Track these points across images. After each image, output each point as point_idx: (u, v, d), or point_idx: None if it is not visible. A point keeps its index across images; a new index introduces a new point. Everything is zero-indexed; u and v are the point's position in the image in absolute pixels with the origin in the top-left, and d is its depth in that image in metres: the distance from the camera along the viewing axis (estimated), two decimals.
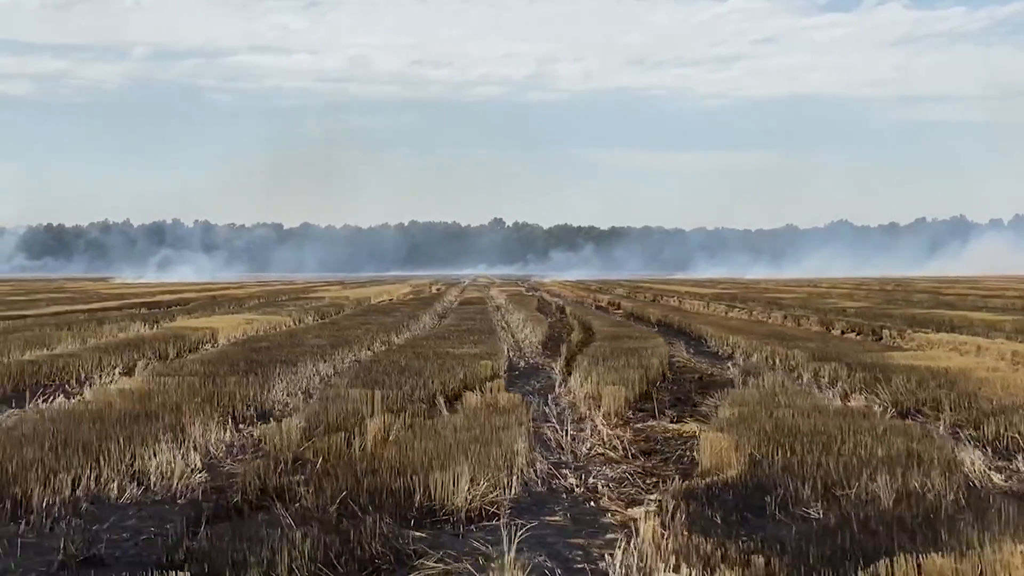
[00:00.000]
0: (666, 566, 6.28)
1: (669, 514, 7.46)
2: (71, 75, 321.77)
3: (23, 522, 8.07)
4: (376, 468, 9.14)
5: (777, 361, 20.19)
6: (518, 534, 6.90)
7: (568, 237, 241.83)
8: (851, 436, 10.33)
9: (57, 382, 17.49)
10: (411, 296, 61.77)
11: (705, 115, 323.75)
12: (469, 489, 8.33)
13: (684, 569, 6.20)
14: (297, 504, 8.19)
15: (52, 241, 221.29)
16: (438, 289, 77.56)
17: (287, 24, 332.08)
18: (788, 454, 9.60)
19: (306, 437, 10.93)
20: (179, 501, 8.96)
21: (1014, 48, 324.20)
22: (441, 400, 13.55)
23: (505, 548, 6.57)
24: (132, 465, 9.60)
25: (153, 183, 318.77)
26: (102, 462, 9.44)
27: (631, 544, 6.64)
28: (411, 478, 8.63)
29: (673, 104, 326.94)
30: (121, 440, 10.10)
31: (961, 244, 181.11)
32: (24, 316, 35.52)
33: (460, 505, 8.24)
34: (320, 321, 35.17)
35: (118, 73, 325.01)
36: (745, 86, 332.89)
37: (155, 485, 9.31)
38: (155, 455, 9.68)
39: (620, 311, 44.14)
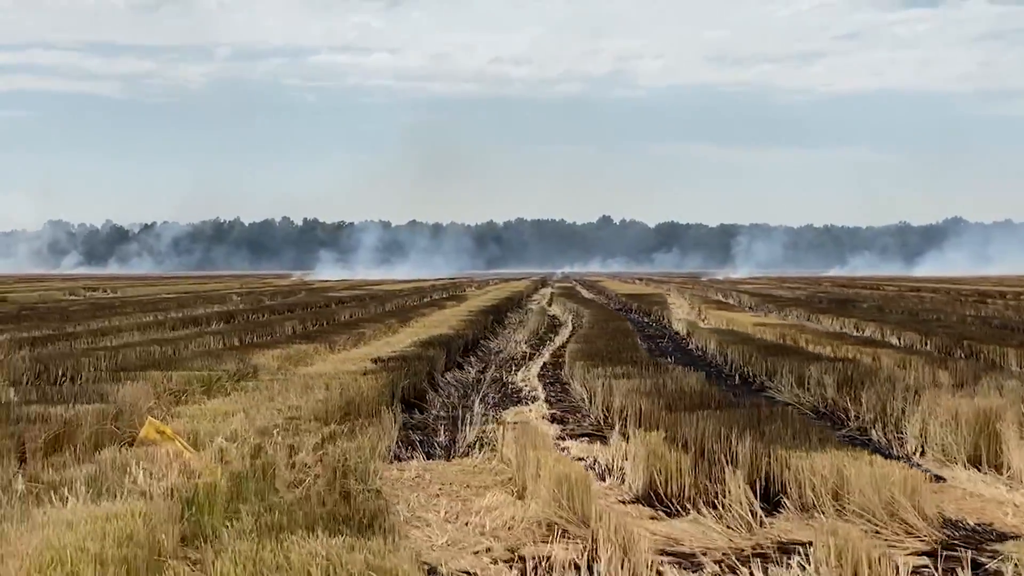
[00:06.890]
0: None
1: None
2: (157, 75, 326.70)
3: None
4: None
5: None
6: None
7: (677, 234, 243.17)
8: None
9: None
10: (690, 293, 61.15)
11: (787, 111, 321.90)
12: None
13: None
14: None
15: (213, 235, 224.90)
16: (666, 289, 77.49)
17: (368, 23, 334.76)
18: None
19: None
20: None
21: None
22: None
23: None
24: None
25: (268, 182, 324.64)
26: None
27: None
28: None
29: (755, 100, 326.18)
30: None
31: None
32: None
33: None
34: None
35: (203, 73, 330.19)
36: (828, 82, 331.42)
37: None
38: None
39: None
